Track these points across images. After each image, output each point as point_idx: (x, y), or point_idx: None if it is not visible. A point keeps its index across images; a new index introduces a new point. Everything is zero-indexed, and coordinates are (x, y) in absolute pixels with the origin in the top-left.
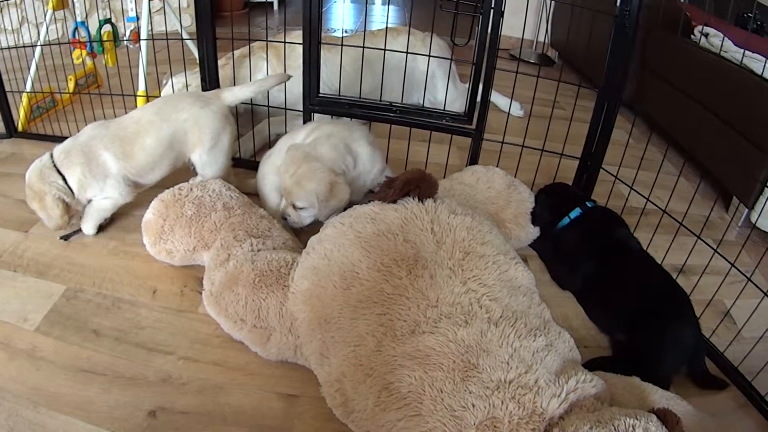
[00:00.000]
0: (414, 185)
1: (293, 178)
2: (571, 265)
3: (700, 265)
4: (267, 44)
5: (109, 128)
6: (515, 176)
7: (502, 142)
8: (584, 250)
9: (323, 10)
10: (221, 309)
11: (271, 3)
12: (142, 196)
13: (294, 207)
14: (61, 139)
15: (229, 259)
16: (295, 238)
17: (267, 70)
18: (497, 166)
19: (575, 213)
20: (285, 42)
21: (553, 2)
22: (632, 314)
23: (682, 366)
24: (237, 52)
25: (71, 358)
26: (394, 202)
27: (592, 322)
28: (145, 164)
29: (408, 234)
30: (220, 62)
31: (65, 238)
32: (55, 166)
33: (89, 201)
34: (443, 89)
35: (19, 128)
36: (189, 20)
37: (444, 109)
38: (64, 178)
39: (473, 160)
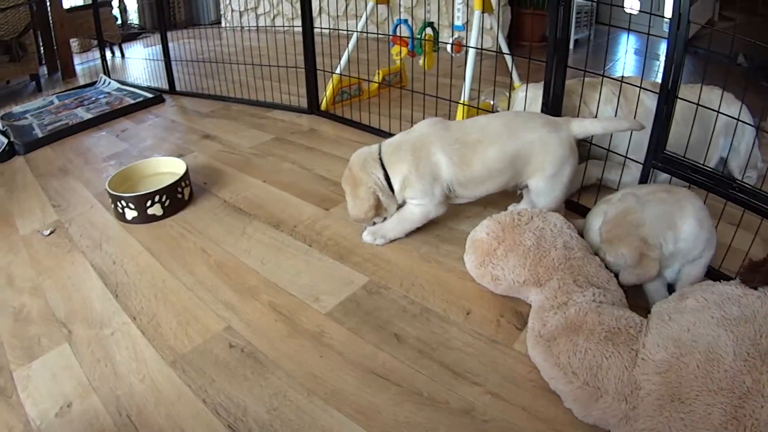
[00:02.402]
0: None
1: (608, 234)
2: None
3: None
4: (621, 83)
5: (449, 129)
6: None
7: None
8: None
9: (614, 60)
10: (551, 355)
11: (567, 41)
12: (458, 209)
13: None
14: (357, 125)
15: (568, 303)
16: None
17: (617, 108)
18: None
19: None
20: (640, 88)
21: None
22: None
23: None
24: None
25: (364, 357)
26: (756, 288)
27: None
28: (479, 176)
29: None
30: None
31: None
32: (380, 158)
33: (404, 202)
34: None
35: (322, 107)
36: (490, 41)
37: None
38: (386, 174)
39: None
